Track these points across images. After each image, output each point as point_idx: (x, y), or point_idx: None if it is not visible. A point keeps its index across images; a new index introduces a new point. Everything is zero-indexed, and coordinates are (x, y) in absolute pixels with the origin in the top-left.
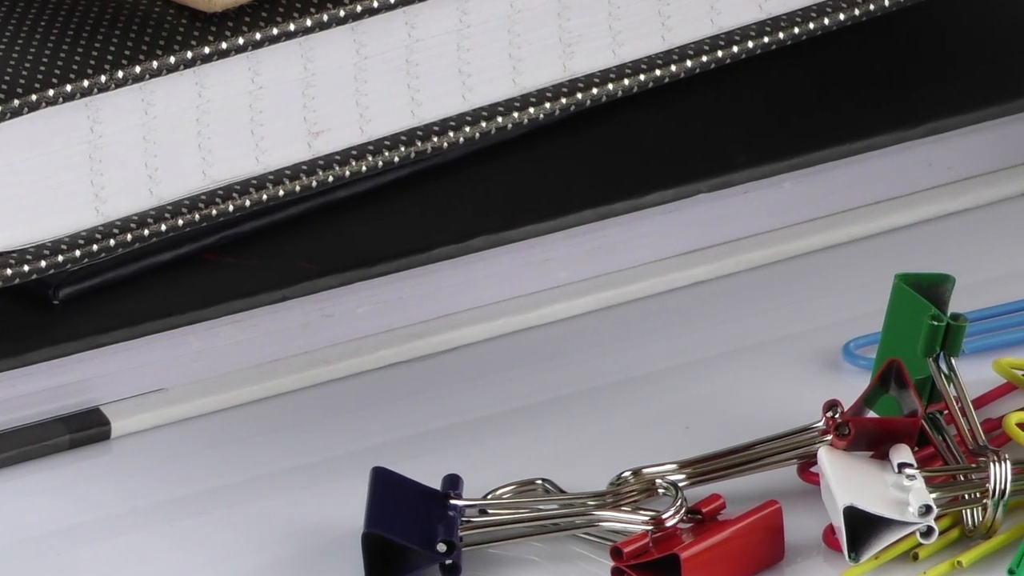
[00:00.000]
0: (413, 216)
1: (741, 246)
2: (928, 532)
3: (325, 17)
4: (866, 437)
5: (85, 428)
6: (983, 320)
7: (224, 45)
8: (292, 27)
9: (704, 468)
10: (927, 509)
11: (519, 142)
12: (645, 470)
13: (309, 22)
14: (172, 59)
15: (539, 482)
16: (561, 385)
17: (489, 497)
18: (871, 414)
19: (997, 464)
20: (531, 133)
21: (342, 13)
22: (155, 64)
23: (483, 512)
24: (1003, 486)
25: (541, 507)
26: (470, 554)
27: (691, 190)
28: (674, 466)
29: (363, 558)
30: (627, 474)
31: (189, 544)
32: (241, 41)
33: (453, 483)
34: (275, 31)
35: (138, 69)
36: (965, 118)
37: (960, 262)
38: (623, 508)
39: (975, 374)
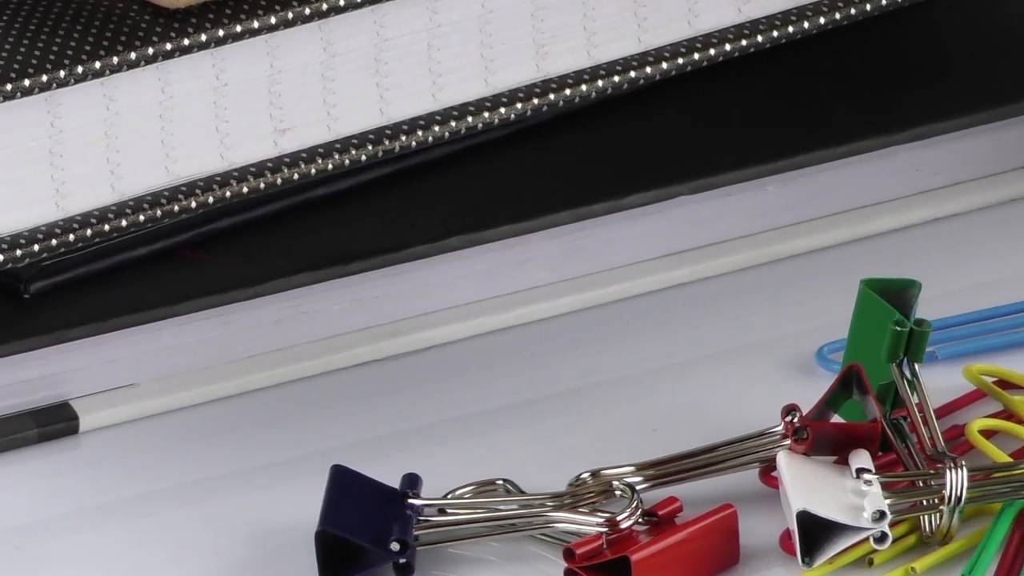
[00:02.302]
0: (390, 215)
1: (722, 249)
2: (882, 538)
3: (290, 15)
4: (827, 442)
5: (53, 422)
6: (961, 326)
7: (186, 42)
8: (256, 24)
9: (663, 471)
10: (881, 515)
11: (500, 143)
12: (604, 472)
13: (274, 20)
14: (133, 55)
15: (500, 482)
16: (534, 386)
17: (449, 497)
18: (837, 419)
19: (954, 471)
20: (515, 134)
21: (307, 11)
22: (115, 60)
23: (442, 512)
24: (959, 493)
25: (499, 507)
26: (427, 553)
27: (672, 192)
28: (632, 468)
29: (316, 556)
30: (586, 475)
31: (154, 541)
32: (204, 38)
33: (412, 482)
34: (239, 28)
35: (98, 65)
36: (952, 123)
37: (945, 267)
38: (580, 509)
39: (950, 380)
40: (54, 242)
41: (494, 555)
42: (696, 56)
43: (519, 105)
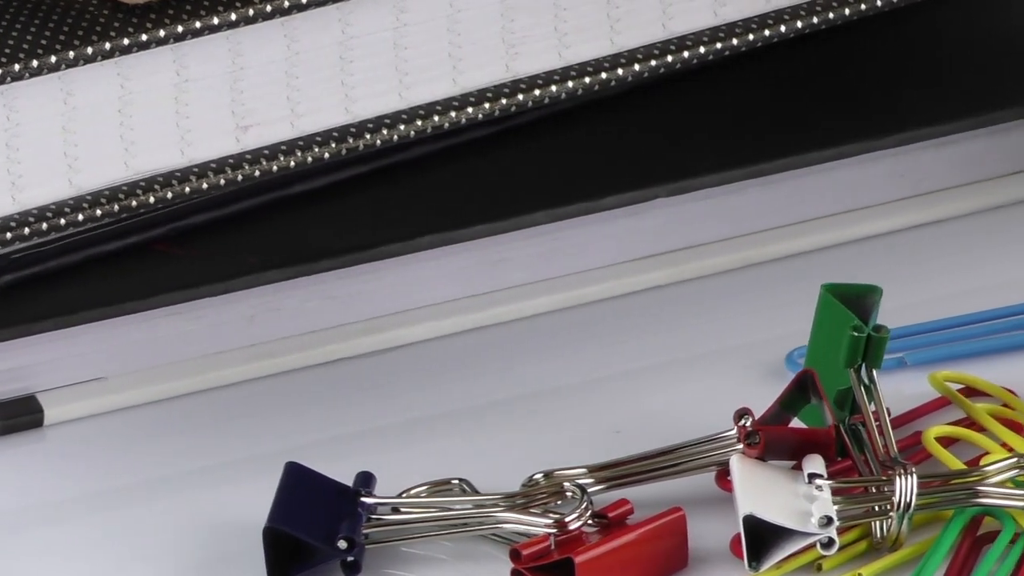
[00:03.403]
0: (366, 213)
1: (700, 252)
2: (829, 543)
3: (251, 12)
4: (782, 447)
5: (18, 415)
6: (932, 332)
7: (144, 38)
8: (216, 21)
9: (616, 473)
10: (828, 520)
11: (479, 143)
12: (556, 473)
13: (234, 16)
14: (90, 50)
15: (455, 481)
16: (505, 387)
17: (403, 496)
18: (798, 423)
19: (904, 477)
20: (495, 134)
21: (269, 8)
22: (72, 54)
23: (396, 510)
24: (908, 499)
25: (452, 507)
26: (378, 551)
27: (649, 194)
28: (583, 470)
29: (264, 552)
30: (539, 476)
31: (116, 536)
32: (162, 34)
33: (365, 481)
34: (198, 25)
35: (54, 59)
36: (936, 129)
37: (924, 274)
38: (533, 510)
39: (920, 386)
40: (8, 235)
41: (446, 554)
42: (670, 58)
43: (487, 105)
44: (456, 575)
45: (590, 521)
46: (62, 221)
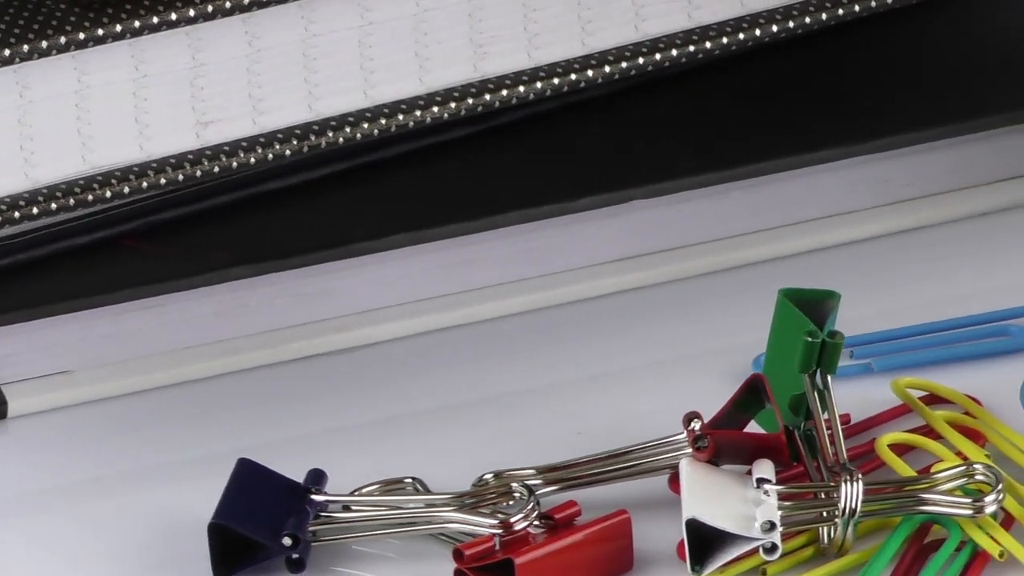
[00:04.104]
0: (339, 211)
1: (676, 255)
2: (772, 548)
3: (210, 8)
4: (735, 451)
5: None
6: (900, 339)
7: (100, 32)
8: (174, 17)
9: (565, 475)
10: (771, 525)
11: (457, 143)
12: (506, 473)
13: (192, 12)
14: (45, 44)
15: (408, 480)
16: (473, 388)
17: (355, 494)
18: (756, 427)
19: (849, 483)
20: (475, 134)
21: (228, 4)
22: (26, 48)
23: (347, 508)
24: (853, 505)
25: (402, 506)
26: (329, 549)
27: (625, 196)
28: (532, 471)
29: (209, 548)
30: (489, 476)
31: (75, 530)
32: (119, 29)
33: (316, 478)
34: (155, 20)
35: (7, 52)
36: (921, 135)
37: (902, 280)
38: (482, 510)
39: (886, 392)
40: None
41: (395, 553)
42: (641, 61)
43: (454, 104)
44: (404, 574)
45: (537, 522)
46: (16, 214)
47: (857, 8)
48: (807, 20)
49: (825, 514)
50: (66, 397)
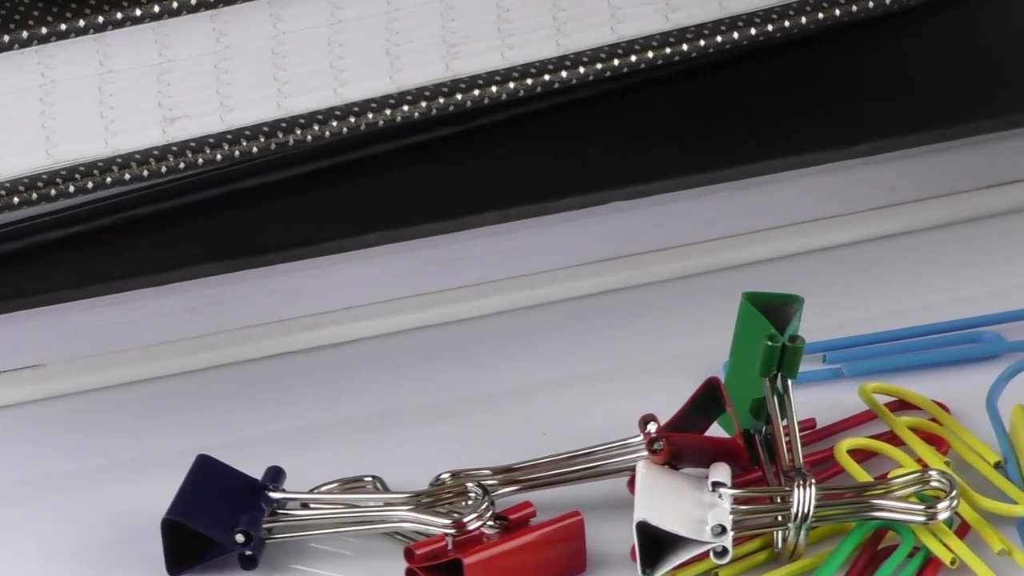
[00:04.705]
0: (314, 209)
1: (656, 257)
2: (722, 552)
3: (175, 4)
4: (696, 454)
5: None
6: (872, 344)
7: (63, 27)
8: (139, 12)
9: (521, 476)
10: (722, 529)
11: (438, 142)
12: (463, 473)
13: (157, 8)
14: (7, 38)
15: (368, 479)
16: (443, 387)
17: (314, 491)
18: (720, 430)
19: (802, 488)
20: (457, 134)
21: (194, 1)
22: None
23: (306, 506)
24: (806, 510)
25: (359, 504)
26: (286, 546)
27: (605, 197)
28: (489, 471)
29: (163, 543)
30: (445, 476)
31: (43, 524)
32: (82, 24)
33: (274, 476)
34: (119, 16)
35: None
36: (899, 141)
37: (881, 286)
38: (439, 509)
39: (857, 398)
40: None
41: (351, 551)
42: (617, 62)
43: (423, 104)
44: (360, 571)
45: (491, 522)
46: None
47: (837, 12)
48: (786, 24)
49: (780, 518)
50: (39, 390)
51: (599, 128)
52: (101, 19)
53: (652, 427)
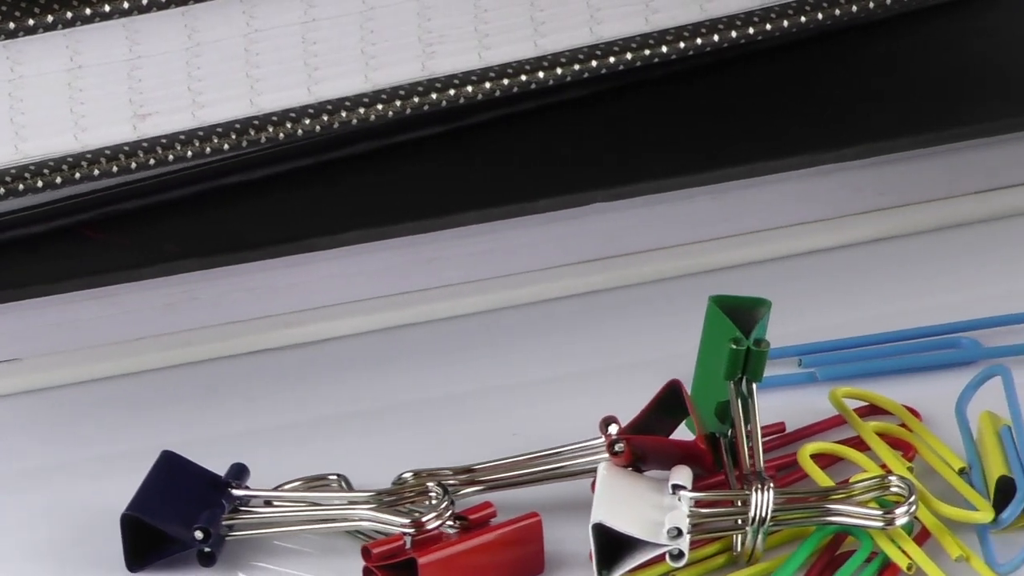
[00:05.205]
0: (294, 207)
1: (637, 259)
2: (678, 555)
3: (145, 1)
4: (660, 457)
5: None
6: (849, 349)
7: (31, 22)
8: (107, 8)
9: (483, 476)
10: (678, 532)
11: (420, 142)
12: (424, 472)
13: (127, 4)
14: None
15: (333, 477)
16: (418, 385)
17: (279, 489)
18: (686, 434)
19: (760, 492)
20: (439, 134)
21: None
22: None
23: (269, 503)
24: (763, 514)
25: (320, 502)
26: (248, 543)
27: (587, 197)
28: (450, 471)
29: (122, 538)
30: (407, 475)
31: (16, 517)
32: (51, 19)
33: (237, 472)
34: (88, 11)
35: None
36: (893, 144)
37: (864, 290)
38: (400, 508)
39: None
40: None
41: (313, 548)
42: (595, 63)
43: (398, 103)
44: (321, 569)
45: (451, 522)
46: None
47: (820, 16)
48: (767, 27)
49: (739, 522)
50: (15, 384)
51: (581, 129)
52: (70, 15)
53: (613, 429)
